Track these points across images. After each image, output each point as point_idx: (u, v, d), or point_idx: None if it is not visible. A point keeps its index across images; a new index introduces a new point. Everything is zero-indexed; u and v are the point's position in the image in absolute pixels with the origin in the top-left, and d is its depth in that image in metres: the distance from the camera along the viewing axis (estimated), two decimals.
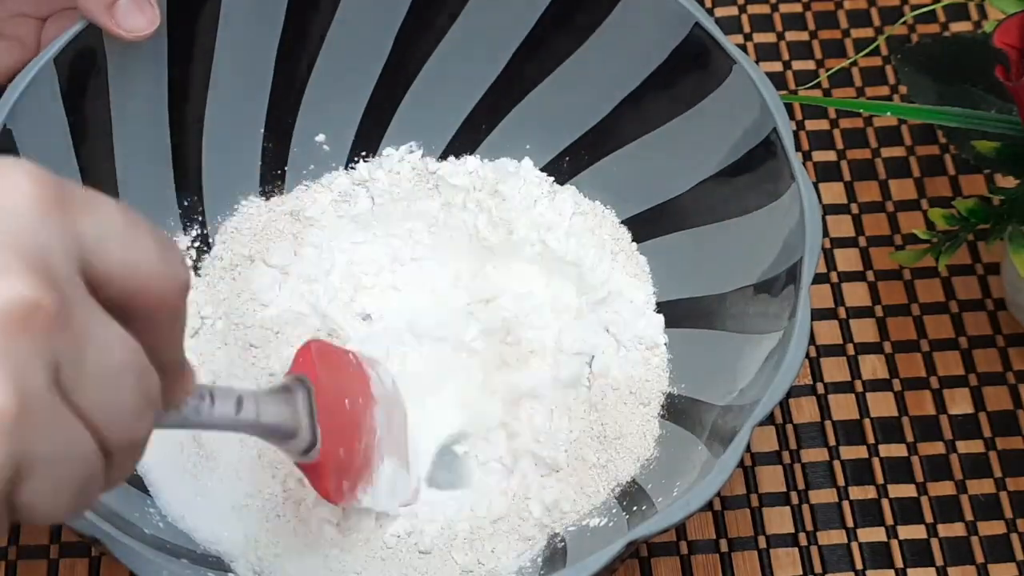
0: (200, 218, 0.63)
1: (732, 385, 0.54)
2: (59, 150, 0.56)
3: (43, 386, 0.31)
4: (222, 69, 0.61)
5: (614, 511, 0.56)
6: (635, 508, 0.55)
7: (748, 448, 0.49)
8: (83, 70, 0.56)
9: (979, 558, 0.60)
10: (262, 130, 0.64)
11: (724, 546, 0.60)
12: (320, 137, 0.65)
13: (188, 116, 0.61)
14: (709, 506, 0.59)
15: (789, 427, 0.63)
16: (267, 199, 0.65)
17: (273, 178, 0.65)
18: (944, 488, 0.62)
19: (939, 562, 0.60)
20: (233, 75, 0.61)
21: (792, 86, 0.73)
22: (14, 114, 0.53)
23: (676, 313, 0.61)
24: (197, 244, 0.63)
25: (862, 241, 0.68)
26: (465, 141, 0.66)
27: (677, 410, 0.58)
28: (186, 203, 0.63)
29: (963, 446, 0.63)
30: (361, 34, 0.63)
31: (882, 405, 0.64)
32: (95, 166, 0.58)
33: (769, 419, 0.50)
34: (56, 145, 0.56)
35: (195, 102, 0.61)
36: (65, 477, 0.33)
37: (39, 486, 0.32)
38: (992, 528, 0.61)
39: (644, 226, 0.63)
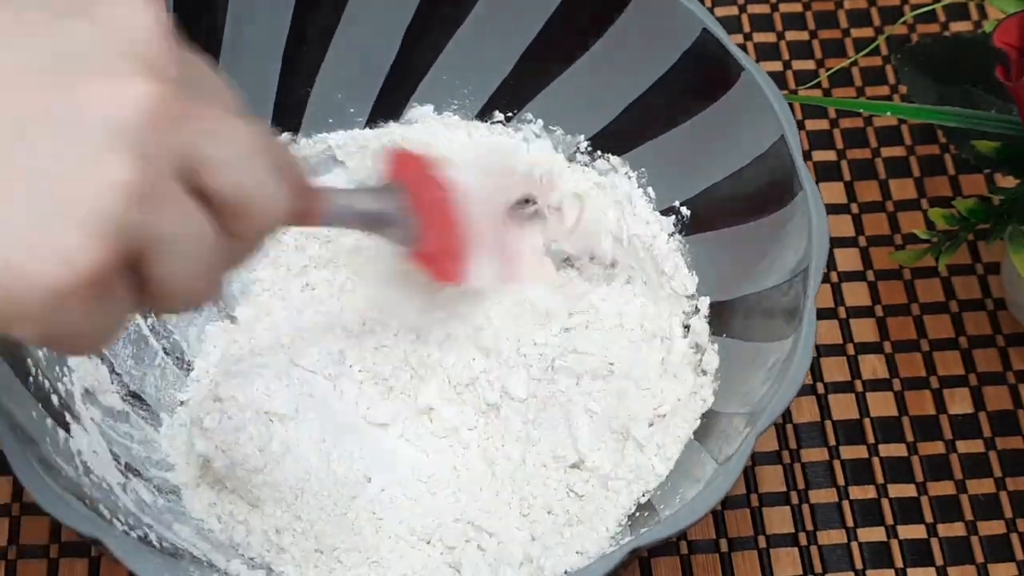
0: None
1: (737, 393, 0.54)
2: None
3: (167, 171, 0.35)
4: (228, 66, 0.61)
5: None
6: (637, 514, 0.55)
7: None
8: None
9: (979, 558, 0.60)
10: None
11: (724, 546, 0.60)
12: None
13: None
14: None
15: (789, 427, 0.63)
16: None
17: None
18: (944, 488, 0.62)
19: (939, 562, 0.60)
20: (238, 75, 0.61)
21: (792, 86, 0.73)
22: None
23: None
24: None
25: (862, 241, 0.68)
26: None
27: None
28: None
29: (963, 446, 0.63)
30: (368, 36, 0.63)
31: (882, 405, 0.64)
32: None
33: None
34: None
35: None
36: (191, 254, 0.36)
37: (167, 262, 0.36)
38: (992, 528, 0.61)
39: None
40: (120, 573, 0.59)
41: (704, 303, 0.59)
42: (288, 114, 0.63)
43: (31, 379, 0.52)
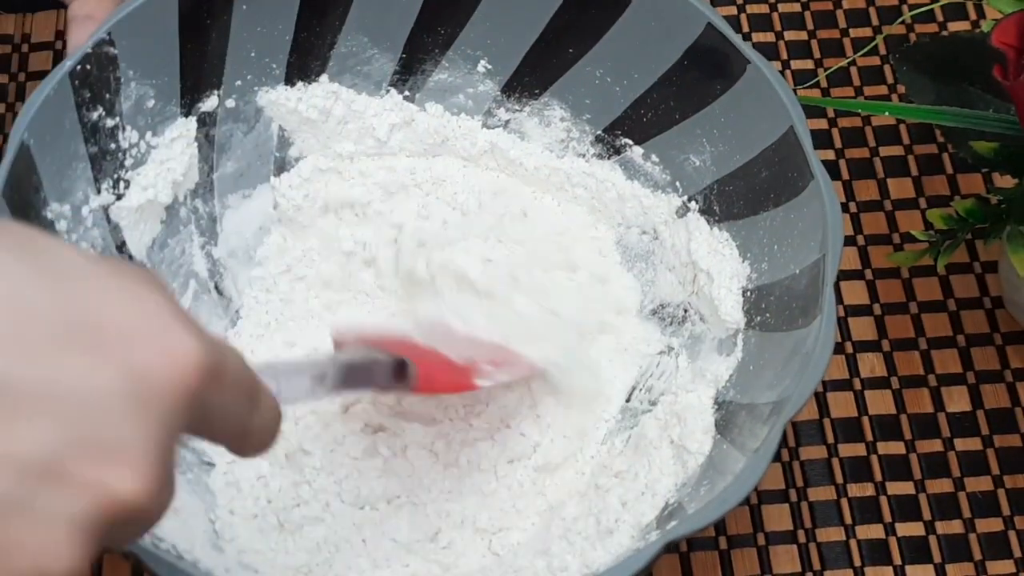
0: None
1: (760, 383, 0.54)
2: (75, 162, 0.56)
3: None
4: (234, 65, 0.61)
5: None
6: (663, 511, 0.55)
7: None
8: (97, 79, 0.56)
9: (977, 555, 0.60)
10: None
11: (723, 543, 0.60)
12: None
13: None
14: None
15: (788, 425, 0.63)
16: None
17: None
18: (942, 485, 0.62)
19: (937, 559, 0.60)
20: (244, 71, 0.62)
21: (791, 85, 0.73)
22: (31, 129, 0.53)
23: None
24: None
25: (860, 240, 0.68)
26: None
27: None
28: None
29: (961, 444, 0.63)
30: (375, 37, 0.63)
31: (880, 403, 0.64)
32: (109, 174, 0.58)
33: None
34: (72, 157, 0.56)
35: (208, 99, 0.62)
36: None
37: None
38: (990, 525, 0.61)
39: None
40: (122, 573, 0.59)
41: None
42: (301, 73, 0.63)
43: None
